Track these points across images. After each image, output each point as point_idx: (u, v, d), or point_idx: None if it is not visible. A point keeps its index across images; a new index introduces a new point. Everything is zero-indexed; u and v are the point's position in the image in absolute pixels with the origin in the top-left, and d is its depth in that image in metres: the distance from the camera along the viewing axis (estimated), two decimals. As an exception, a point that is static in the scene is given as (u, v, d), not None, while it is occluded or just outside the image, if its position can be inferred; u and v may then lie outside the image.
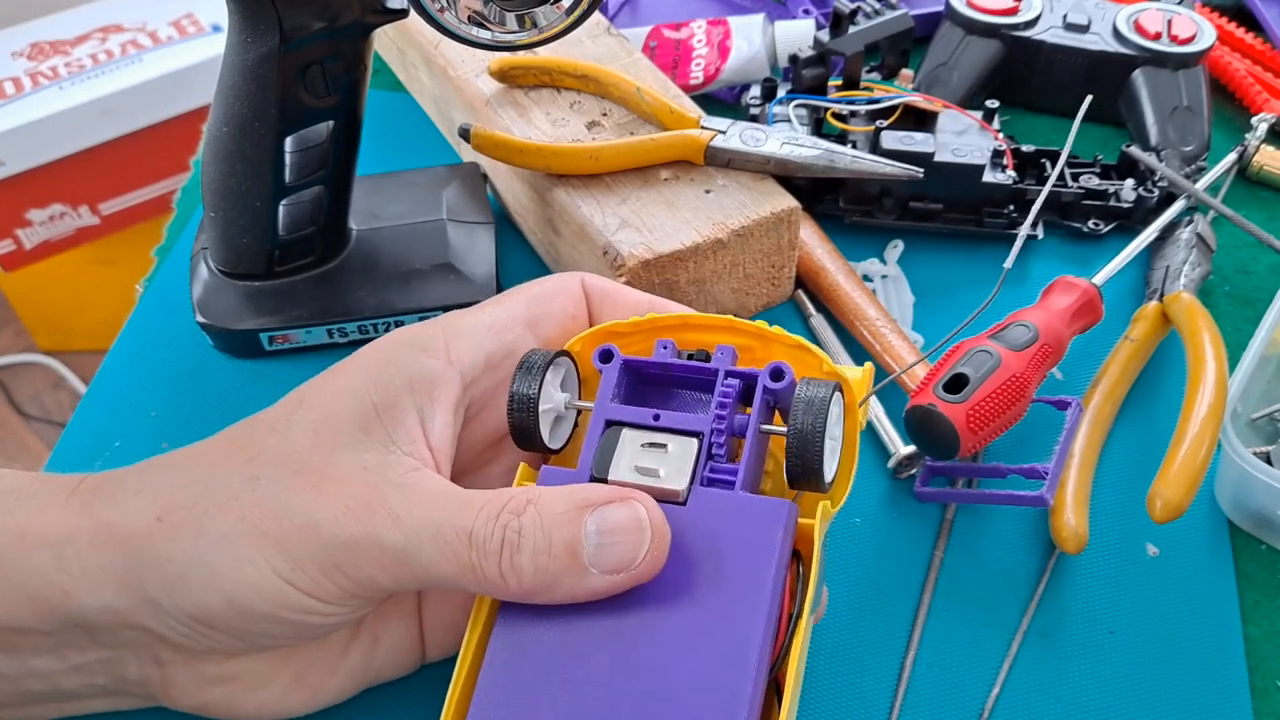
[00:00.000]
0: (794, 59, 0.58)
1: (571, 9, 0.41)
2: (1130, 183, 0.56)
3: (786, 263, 0.51)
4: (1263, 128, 0.61)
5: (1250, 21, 0.70)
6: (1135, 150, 0.57)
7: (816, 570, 0.31)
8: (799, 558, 0.31)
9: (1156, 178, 0.56)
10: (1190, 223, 0.54)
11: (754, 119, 0.57)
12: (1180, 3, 0.64)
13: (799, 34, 0.63)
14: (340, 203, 0.49)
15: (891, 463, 0.46)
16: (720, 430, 0.32)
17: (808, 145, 0.50)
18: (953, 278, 0.55)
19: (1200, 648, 0.41)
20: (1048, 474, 0.43)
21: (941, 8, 0.64)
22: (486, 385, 0.35)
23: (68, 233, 1.39)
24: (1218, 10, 0.70)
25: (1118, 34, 0.61)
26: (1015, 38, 0.62)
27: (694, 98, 0.57)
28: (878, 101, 0.56)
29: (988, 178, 0.54)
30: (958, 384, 0.42)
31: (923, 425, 0.42)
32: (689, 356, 0.34)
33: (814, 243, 0.54)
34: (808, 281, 0.53)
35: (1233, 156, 0.59)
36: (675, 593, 0.30)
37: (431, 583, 0.30)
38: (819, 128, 0.57)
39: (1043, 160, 0.58)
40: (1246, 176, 0.61)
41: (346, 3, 0.42)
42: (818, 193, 0.56)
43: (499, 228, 0.55)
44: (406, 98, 0.65)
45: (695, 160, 0.49)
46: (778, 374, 0.32)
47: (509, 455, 0.37)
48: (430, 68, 0.59)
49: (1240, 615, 0.42)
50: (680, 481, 0.31)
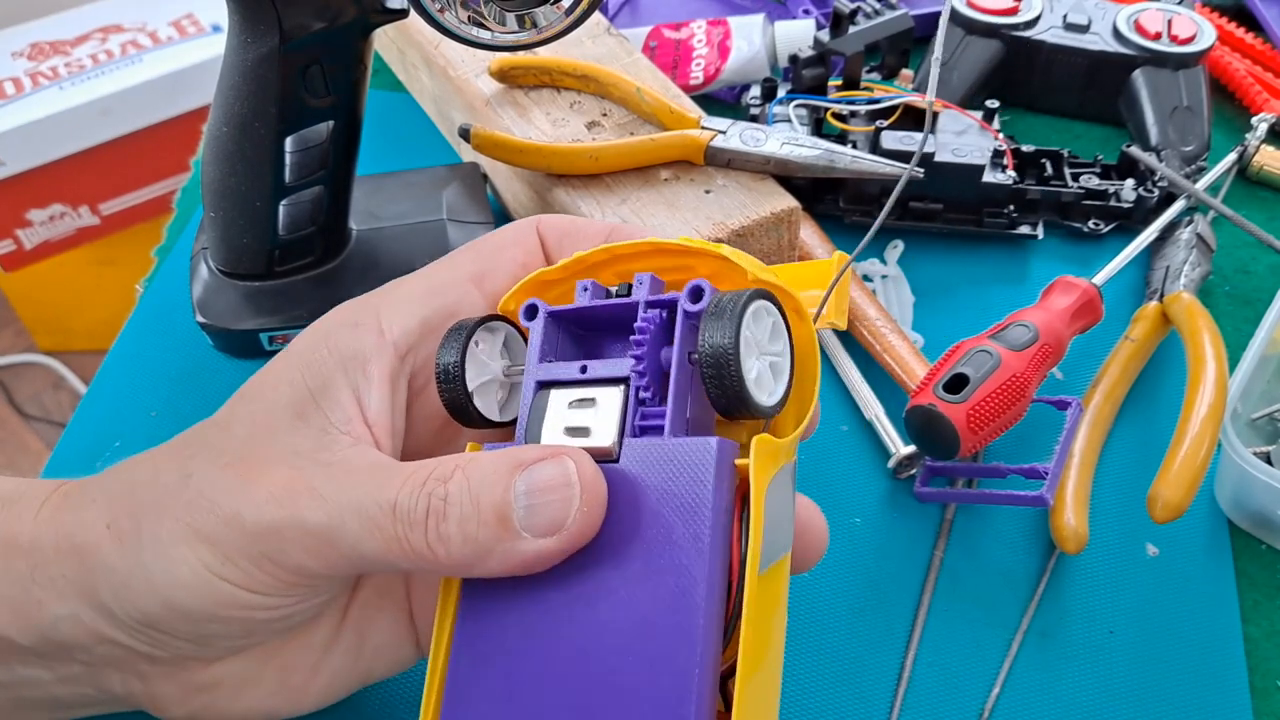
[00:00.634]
0: (794, 59, 0.58)
1: (571, 9, 0.41)
2: (1130, 183, 0.56)
3: (786, 263, 0.51)
4: (1263, 128, 0.61)
5: (1250, 21, 0.70)
6: (1135, 150, 0.57)
7: (759, 511, 0.27)
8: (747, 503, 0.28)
9: (1156, 178, 0.56)
10: (1190, 223, 0.54)
11: (754, 119, 0.57)
12: (1180, 3, 0.64)
13: (799, 34, 0.63)
14: (340, 203, 0.49)
15: (891, 463, 0.46)
16: (640, 372, 0.28)
17: (808, 145, 0.50)
18: (953, 278, 0.55)
19: (1200, 648, 0.41)
20: (1048, 474, 0.43)
21: (941, 8, 0.64)
22: (428, 352, 0.33)
23: (68, 233, 1.39)
24: (1218, 10, 0.71)
25: (1118, 34, 0.61)
26: (1015, 38, 0.62)
27: (694, 98, 0.57)
28: (878, 101, 0.56)
29: (988, 178, 0.54)
30: (958, 384, 0.42)
31: (923, 425, 0.42)
32: (615, 293, 0.30)
33: (814, 243, 0.54)
34: (808, 281, 0.53)
35: (1233, 156, 0.59)
36: (620, 557, 0.27)
37: (363, 563, 0.29)
38: (819, 128, 0.57)
39: (1043, 160, 0.58)
40: (1246, 176, 0.61)
41: (346, 3, 0.42)
42: (818, 193, 0.56)
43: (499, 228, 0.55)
44: (406, 98, 0.65)
45: (695, 160, 0.49)
46: (696, 293, 0.28)
47: (473, 433, 0.35)
48: (430, 68, 0.59)
49: (1240, 615, 0.42)
50: (609, 437, 0.28)
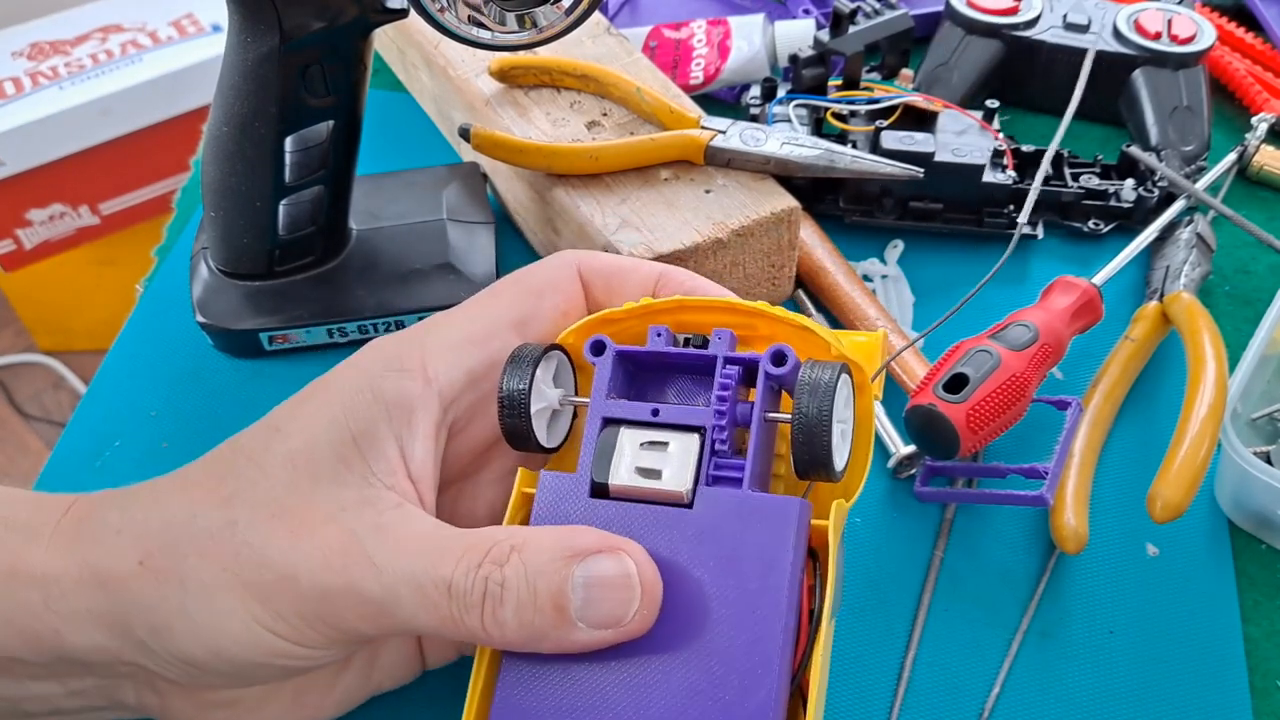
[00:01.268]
0: (794, 59, 0.58)
1: (571, 9, 0.41)
2: (1130, 183, 0.56)
3: (786, 263, 0.51)
4: (1263, 128, 0.61)
5: (1250, 21, 0.70)
6: (1135, 150, 0.57)
7: (834, 569, 0.29)
8: (815, 556, 0.30)
9: (1156, 178, 0.56)
10: (1190, 223, 0.54)
11: (754, 119, 0.57)
12: (1180, 3, 0.64)
13: (799, 34, 0.63)
14: (340, 203, 0.49)
15: (891, 463, 0.46)
16: (722, 425, 0.30)
17: (808, 145, 0.50)
18: (953, 278, 0.55)
19: (1200, 648, 0.41)
20: (1048, 474, 0.43)
21: (941, 8, 0.64)
22: (469, 401, 0.33)
23: (68, 233, 1.39)
24: (1218, 10, 0.70)
25: (1118, 34, 0.61)
26: (1015, 38, 0.62)
27: (694, 98, 0.57)
28: (878, 101, 0.56)
29: (988, 178, 0.54)
30: (958, 384, 0.42)
31: (923, 425, 0.42)
32: (685, 341, 0.32)
33: (814, 243, 0.54)
34: (808, 281, 0.53)
35: (1233, 156, 0.59)
36: (689, 605, 0.28)
37: (414, 630, 0.29)
38: (819, 128, 0.57)
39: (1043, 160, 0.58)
40: (1246, 176, 0.61)
41: (346, 3, 0.42)
42: (818, 193, 0.56)
43: (499, 228, 0.55)
44: (406, 98, 0.65)
45: (695, 160, 0.49)
46: (780, 358, 0.30)
47: (500, 459, 0.36)
48: (430, 68, 0.59)
49: (1240, 615, 0.42)
50: (684, 483, 0.29)
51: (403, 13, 0.42)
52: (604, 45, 0.56)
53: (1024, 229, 0.56)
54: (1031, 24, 0.62)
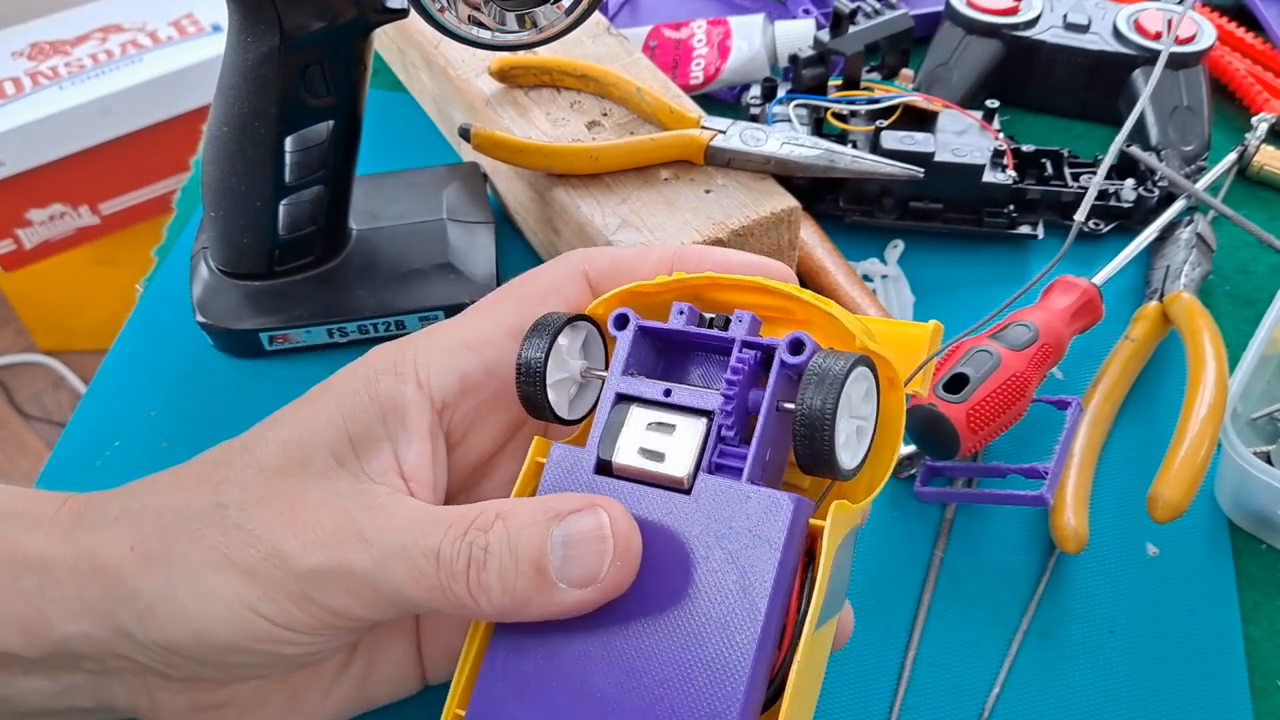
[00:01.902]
0: (794, 59, 0.58)
1: (571, 9, 0.41)
2: (1130, 183, 0.56)
3: (787, 262, 0.51)
4: (1263, 127, 0.61)
5: (1250, 21, 0.70)
6: (1135, 150, 0.57)
7: (825, 576, 0.28)
8: (813, 559, 0.28)
9: (1156, 178, 0.56)
10: (1190, 223, 0.54)
11: (754, 119, 0.57)
12: (1180, 3, 0.64)
13: (799, 34, 0.63)
14: (340, 203, 0.49)
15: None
16: (729, 411, 0.28)
17: (808, 145, 0.50)
18: (953, 278, 0.55)
19: (1200, 648, 0.41)
20: (1048, 474, 0.43)
21: (941, 8, 0.64)
22: (467, 409, 0.33)
23: (68, 233, 1.39)
24: (1218, 10, 0.71)
25: (1118, 34, 0.61)
26: (1015, 38, 0.62)
27: (694, 98, 0.57)
28: (878, 101, 0.56)
29: (988, 178, 0.54)
30: (958, 384, 0.42)
31: (923, 425, 0.42)
32: (709, 321, 0.30)
33: (814, 243, 0.54)
34: (808, 281, 0.53)
35: (1233, 156, 0.59)
36: (673, 594, 0.28)
37: (407, 607, 0.29)
38: (819, 128, 0.57)
39: (1043, 160, 0.58)
40: (1246, 176, 0.61)
41: (346, 3, 0.42)
42: (818, 193, 0.56)
43: (499, 228, 0.55)
44: (406, 98, 0.65)
45: (695, 160, 0.49)
46: (797, 345, 0.28)
47: (505, 466, 0.36)
48: (430, 68, 0.59)
49: (1240, 615, 0.42)
50: (683, 467, 0.28)
51: (403, 13, 0.42)
52: (604, 45, 0.56)
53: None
54: (1031, 24, 0.62)
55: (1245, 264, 0.56)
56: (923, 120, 0.56)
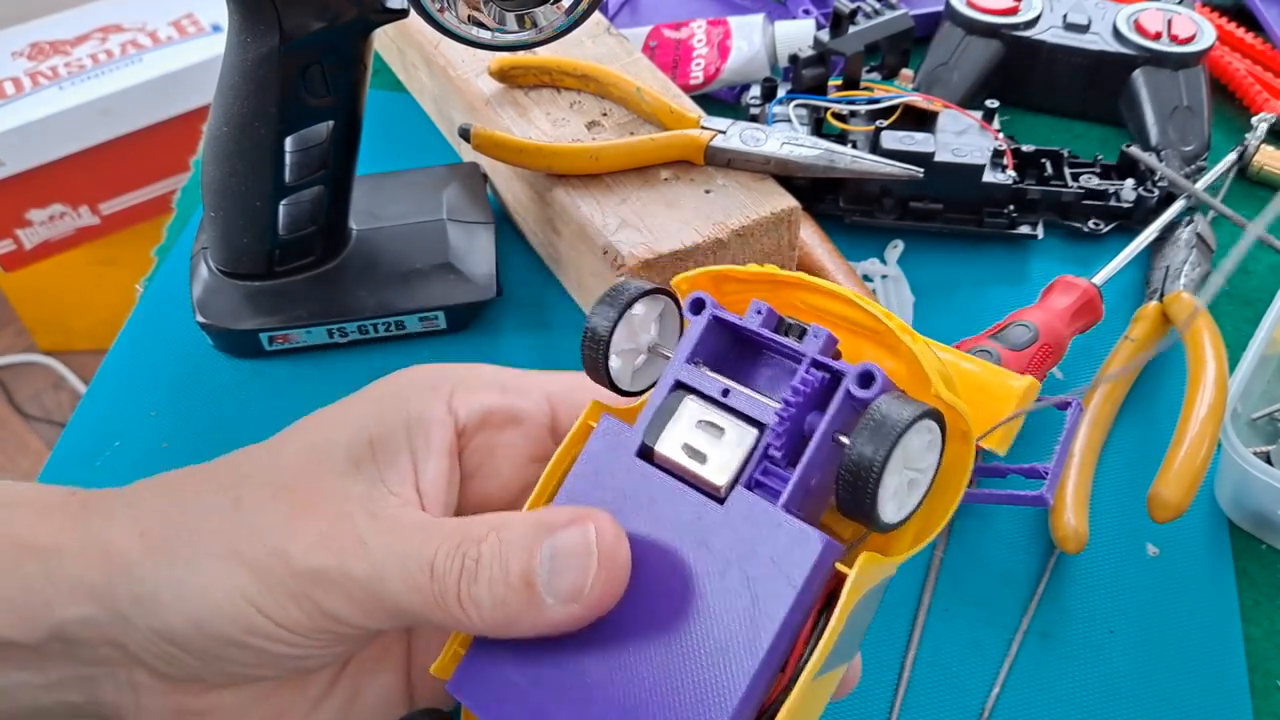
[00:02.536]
0: (794, 59, 0.58)
1: (571, 9, 0.41)
2: (1130, 183, 0.56)
3: (786, 263, 0.51)
4: (1263, 128, 0.61)
5: (1250, 21, 0.70)
6: (1135, 150, 0.57)
7: (837, 627, 0.26)
8: (833, 603, 0.27)
9: (1156, 178, 0.56)
10: (1190, 223, 0.54)
11: (754, 119, 0.57)
12: (1180, 3, 0.64)
13: (799, 34, 0.63)
14: (340, 203, 0.49)
15: (891, 463, 0.46)
16: (779, 432, 0.27)
17: (808, 145, 0.50)
18: (953, 278, 0.55)
19: (1200, 648, 0.41)
20: (1048, 474, 0.42)
21: (941, 8, 0.64)
22: (480, 442, 0.33)
23: (68, 233, 1.39)
24: (1218, 10, 0.71)
25: (1118, 34, 0.61)
26: (1015, 38, 0.62)
27: (694, 98, 0.57)
28: (878, 101, 0.56)
29: (988, 178, 0.54)
30: (958, 384, 0.42)
31: (923, 425, 0.42)
32: (786, 327, 0.29)
33: (814, 243, 0.54)
34: (808, 281, 0.53)
35: (1233, 156, 0.59)
36: (678, 606, 0.27)
37: (404, 618, 0.29)
38: (819, 128, 0.57)
39: (1043, 160, 0.58)
40: (1246, 176, 0.61)
41: (346, 3, 0.42)
42: (818, 193, 0.56)
43: (499, 228, 0.55)
44: (406, 98, 0.65)
45: (695, 160, 0.49)
46: (867, 379, 0.26)
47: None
48: (430, 68, 0.59)
49: (1240, 615, 0.42)
50: (723, 476, 0.27)
51: (403, 13, 0.42)
52: (604, 45, 0.56)
53: (1023, 230, 0.56)
54: (1031, 24, 0.62)
55: (1245, 264, 0.56)
56: (923, 120, 0.56)
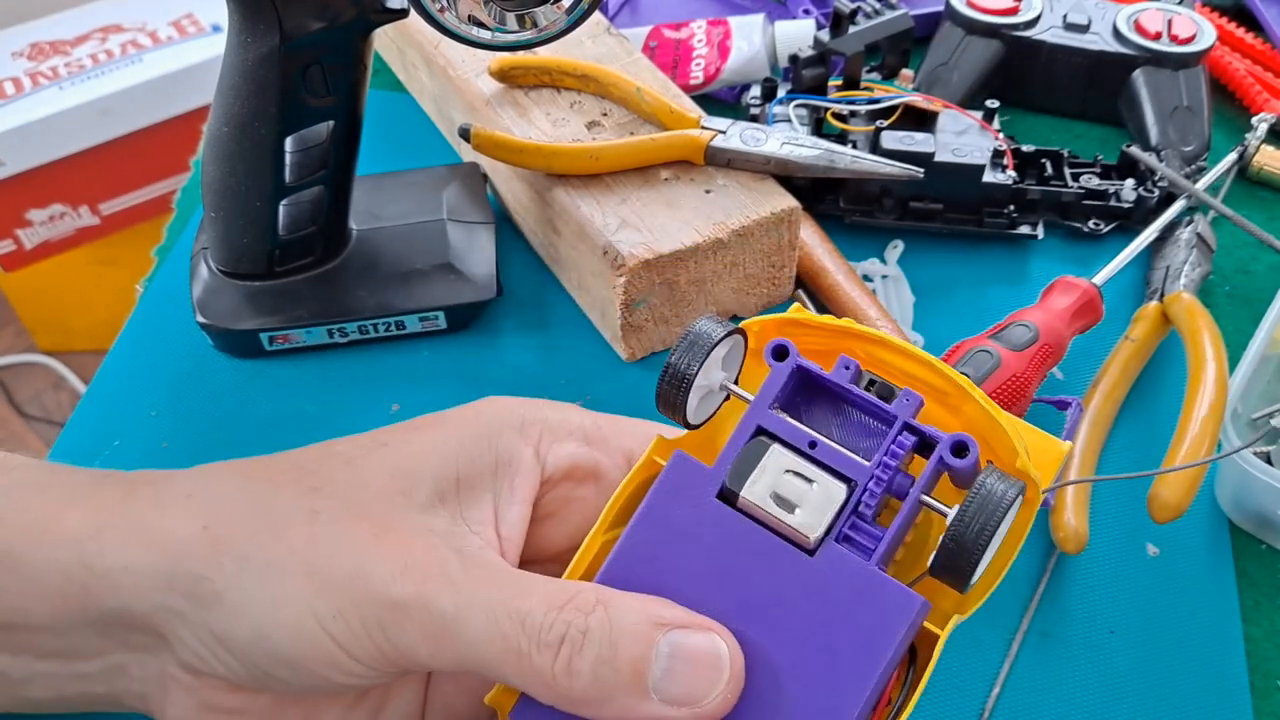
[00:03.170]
0: (794, 59, 0.58)
1: (571, 9, 0.41)
2: (1130, 183, 0.56)
3: (786, 263, 0.51)
4: (1263, 128, 0.61)
5: (1250, 21, 0.70)
6: (1135, 150, 0.57)
7: (924, 680, 0.27)
8: (914, 655, 0.28)
9: (1156, 178, 0.56)
10: (1190, 223, 0.54)
11: (754, 119, 0.57)
12: (1180, 3, 0.64)
13: (799, 34, 0.62)
14: (340, 203, 0.49)
15: (891, 463, 0.46)
16: (876, 492, 0.28)
17: (808, 145, 0.50)
18: (953, 278, 0.55)
19: (1200, 648, 0.41)
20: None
21: (941, 8, 0.64)
22: (561, 495, 0.33)
23: (68, 233, 1.39)
24: (1218, 10, 0.71)
25: (1118, 34, 0.61)
26: (1015, 38, 0.62)
27: (694, 98, 0.57)
28: (878, 101, 0.56)
29: (988, 178, 0.54)
30: (958, 384, 0.42)
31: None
32: (869, 383, 0.30)
33: (814, 243, 0.54)
34: (808, 281, 0.53)
35: (1233, 156, 0.59)
36: (773, 660, 0.27)
37: (473, 663, 0.28)
38: (819, 128, 0.57)
39: (1043, 160, 0.58)
40: (1246, 176, 0.61)
41: (346, 3, 0.42)
42: (818, 193, 0.56)
43: (499, 228, 0.55)
44: (406, 98, 0.65)
45: (695, 160, 0.49)
46: (961, 449, 0.28)
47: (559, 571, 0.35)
48: (430, 68, 0.59)
49: (1240, 615, 0.42)
50: (816, 529, 0.28)
51: (403, 13, 0.42)
52: (604, 45, 0.56)
53: (1023, 230, 0.56)
54: (1031, 24, 0.62)
55: (1245, 264, 0.56)
56: (923, 120, 0.56)
